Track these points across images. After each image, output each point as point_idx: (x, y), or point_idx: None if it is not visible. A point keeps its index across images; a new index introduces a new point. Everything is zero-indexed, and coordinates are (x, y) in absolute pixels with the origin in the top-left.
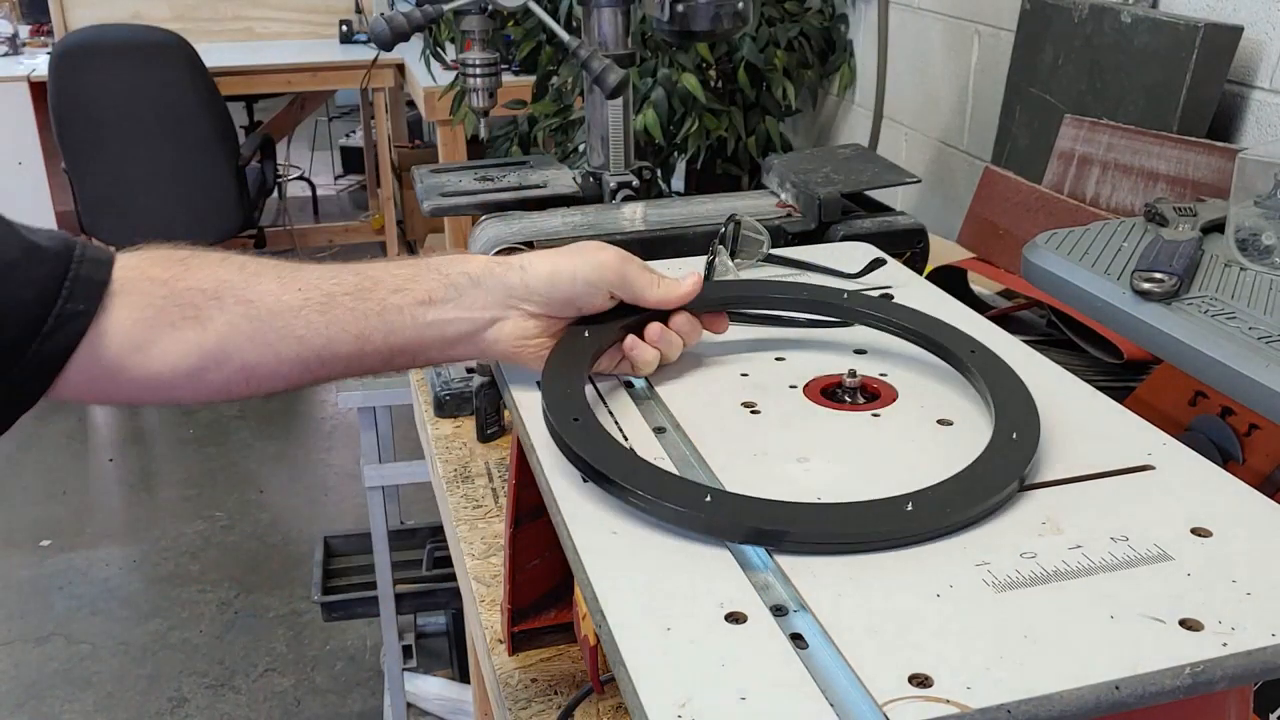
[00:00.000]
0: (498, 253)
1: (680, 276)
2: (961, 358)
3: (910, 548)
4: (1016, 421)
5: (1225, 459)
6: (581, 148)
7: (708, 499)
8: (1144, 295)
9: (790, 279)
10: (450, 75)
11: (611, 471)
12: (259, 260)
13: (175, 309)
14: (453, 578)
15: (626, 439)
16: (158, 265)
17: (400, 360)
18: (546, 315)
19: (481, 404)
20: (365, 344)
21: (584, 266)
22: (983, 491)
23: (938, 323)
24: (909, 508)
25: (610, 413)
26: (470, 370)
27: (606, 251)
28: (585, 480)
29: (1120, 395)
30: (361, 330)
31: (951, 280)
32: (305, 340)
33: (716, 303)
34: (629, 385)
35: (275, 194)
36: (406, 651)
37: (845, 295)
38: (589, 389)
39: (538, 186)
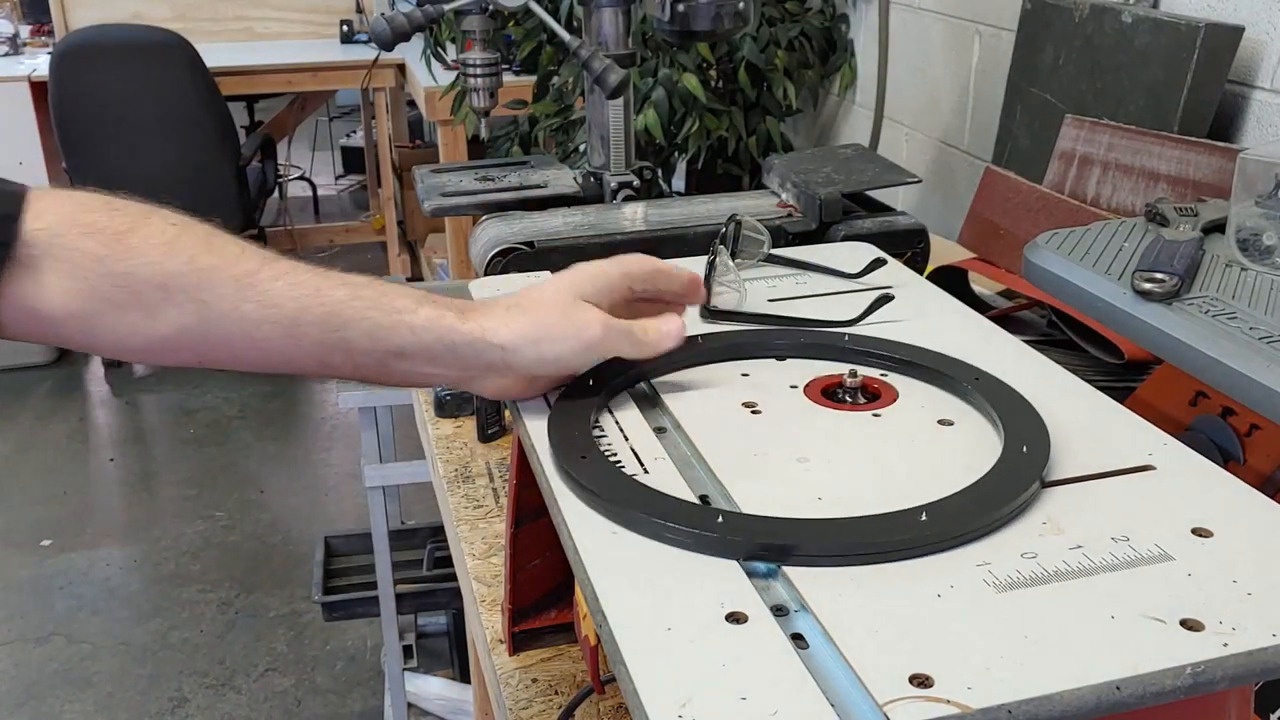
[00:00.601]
0: (497, 253)
1: (662, 332)
2: (968, 387)
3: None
4: (1026, 437)
5: (1226, 459)
6: (582, 148)
7: (719, 520)
8: (1145, 295)
9: (790, 328)
10: (451, 75)
11: (623, 503)
12: (210, 247)
13: (115, 290)
14: (453, 578)
15: (628, 438)
16: (91, 237)
17: (372, 382)
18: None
19: (482, 404)
20: (330, 370)
21: (569, 350)
22: (997, 500)
23: (940, 356)
24: (923, 518)
25: (610, 413)
26: None
27: (593, 329)
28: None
29: (1121, 395)
30: (326, 359)
31: (952, 280)
32: (266, 352)
33: (720, 353)
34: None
35: (276, 194)
36: (407, 651)
37: (846, 338)
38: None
39: (538, 186)
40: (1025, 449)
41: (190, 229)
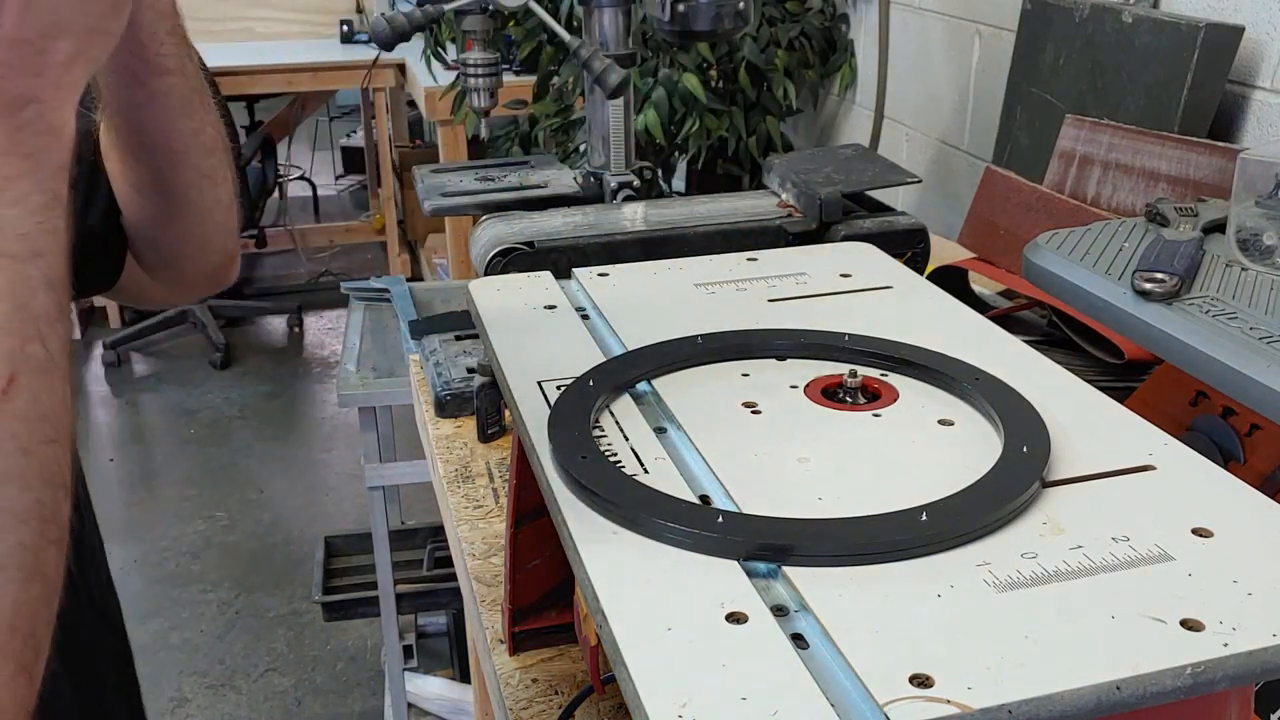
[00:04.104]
0: (497, 253)
1: None
2: (968, 387)
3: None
4: (1026, 437)
5: (1226, 459)
6: (582, 148)
7: (719, 520)
8: (1145, 295)
9: (790, 329)
10: (451, 75)
11: (623, 503)
12: None
13: None
14: (453, 578)
15: (628, 438)
16: None
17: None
18: None
19: (482, 404)
20: None
21: None
22: (997, 500)
23: (940, 356)
24: (923, 518)
25: (610, 413)
26: (471, 370)
27: None
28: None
29: (1121, 395)
30: None
31: (952, 280)
32: None
33: (721, 353)
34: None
35: (276, 194)
36: (407, 651)
37: (847, 338)
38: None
39: (538, 186)
40: (1025, 449)
41: None
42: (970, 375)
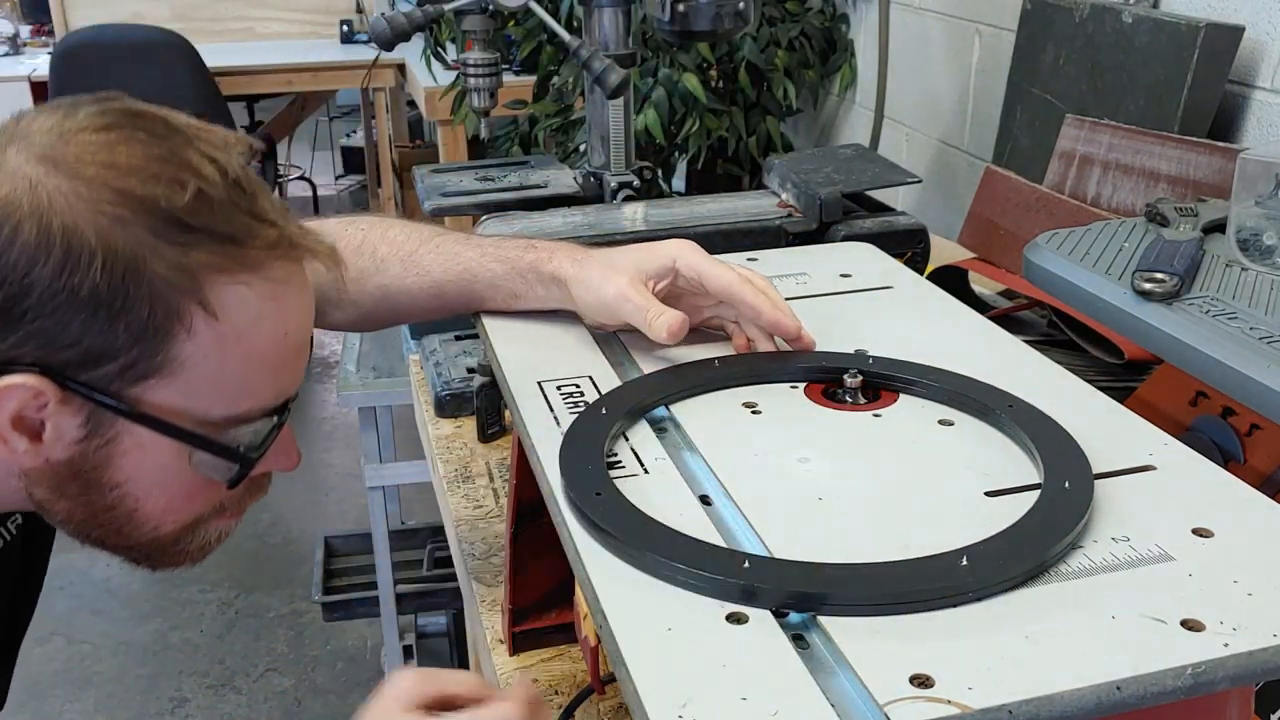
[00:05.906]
0: None
1: (657, 325)
2: (1001, 414)
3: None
4: (1066, 473)
5: (1226, 459)
6: (582, 148)
7: (745, 564)
8: (1145, 295)
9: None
10: (451, 75)
11: (641, 545)
12: (385, 238)
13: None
14: (453, 578)
15: (628, 439)
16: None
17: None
18: None
19: (482, 404)
20: (469, 310)
21: (592, 300)
22: (1038, 550)
23: (971, 381)
24: (963, 562)
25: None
26: (471, 370)
27: (609, 289)
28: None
29: (1121, 395)
30: (467, 307)
31: (952, 280)
32: (427, 309)
33: (736, 378)
34: None
35: (276, 194)
36: (407, 651)
37: (871, 360)
38: (591, 384)
39: (538, 186)
40: (1067, 484)
41: (374, 227)
42: (1003, 403)
